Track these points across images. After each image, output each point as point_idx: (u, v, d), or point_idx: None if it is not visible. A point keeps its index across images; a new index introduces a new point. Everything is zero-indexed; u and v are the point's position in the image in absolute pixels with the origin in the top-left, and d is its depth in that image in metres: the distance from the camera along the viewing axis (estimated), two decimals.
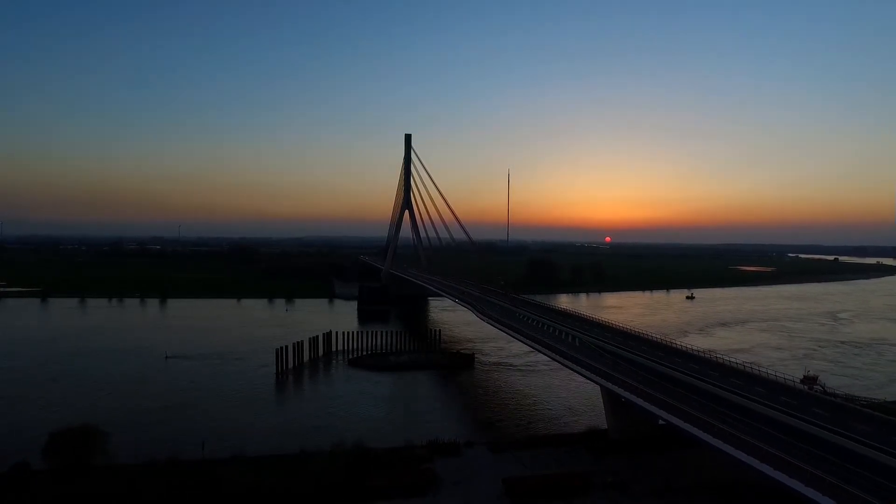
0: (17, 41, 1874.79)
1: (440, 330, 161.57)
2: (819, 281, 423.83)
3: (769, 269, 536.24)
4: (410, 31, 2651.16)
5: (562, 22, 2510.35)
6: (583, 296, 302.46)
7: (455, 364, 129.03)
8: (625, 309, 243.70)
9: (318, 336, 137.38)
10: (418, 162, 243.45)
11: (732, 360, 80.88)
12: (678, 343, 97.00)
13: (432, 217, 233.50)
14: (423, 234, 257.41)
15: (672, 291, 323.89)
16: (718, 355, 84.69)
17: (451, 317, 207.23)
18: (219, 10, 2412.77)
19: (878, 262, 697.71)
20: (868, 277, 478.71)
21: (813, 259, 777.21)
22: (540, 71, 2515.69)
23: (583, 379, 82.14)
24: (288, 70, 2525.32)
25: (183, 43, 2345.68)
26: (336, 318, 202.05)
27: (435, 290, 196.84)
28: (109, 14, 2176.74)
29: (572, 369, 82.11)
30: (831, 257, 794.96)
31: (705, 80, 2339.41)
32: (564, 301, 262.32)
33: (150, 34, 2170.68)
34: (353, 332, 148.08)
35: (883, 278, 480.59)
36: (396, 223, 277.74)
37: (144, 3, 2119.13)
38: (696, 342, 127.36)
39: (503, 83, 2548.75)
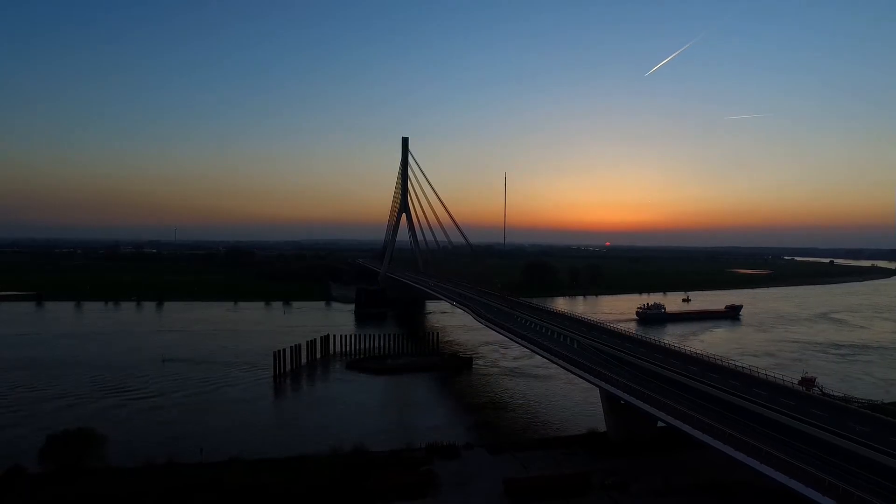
0: (13, 45, 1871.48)
1: (438, 333, 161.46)
2: (817, 283, 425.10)
3: (766, 272, 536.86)
4: (408, 35, 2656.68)
5: (559, 27, 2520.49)
6: (580, 298, 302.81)
7: (453, 367, 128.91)
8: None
9: (315, 339, 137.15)
10: (416, 165, 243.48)
11: (731, 362, 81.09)
12: (676, 346, 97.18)
13: (429, 220, 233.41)
14: (420, 237, 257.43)
15: (668, 294, 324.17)
16: (717, 357, 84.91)
17: (449, 320, 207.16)
18: (216, 14, 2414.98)
19: (872, 264, 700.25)
20: (862, 280, 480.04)
21: (808, 262, 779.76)
22: (537, 75, 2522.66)
23: (581, 381, 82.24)
24: (285, 74, 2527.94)
25: (180, 47, 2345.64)
26: (333, 321, 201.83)
27: (432, 293, 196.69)
28: (105, 19, 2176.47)
29: (571, 371, 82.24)
30: (827, 260, 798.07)
31: (700, 82, 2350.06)
32: (562, 304, 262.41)
33: (146, 39, 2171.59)
34: (350, 335, 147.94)
35: (877, 280, 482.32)
36: (394, 226, 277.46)
37: (140, 7, 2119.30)
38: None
39: (501, 87, 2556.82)
